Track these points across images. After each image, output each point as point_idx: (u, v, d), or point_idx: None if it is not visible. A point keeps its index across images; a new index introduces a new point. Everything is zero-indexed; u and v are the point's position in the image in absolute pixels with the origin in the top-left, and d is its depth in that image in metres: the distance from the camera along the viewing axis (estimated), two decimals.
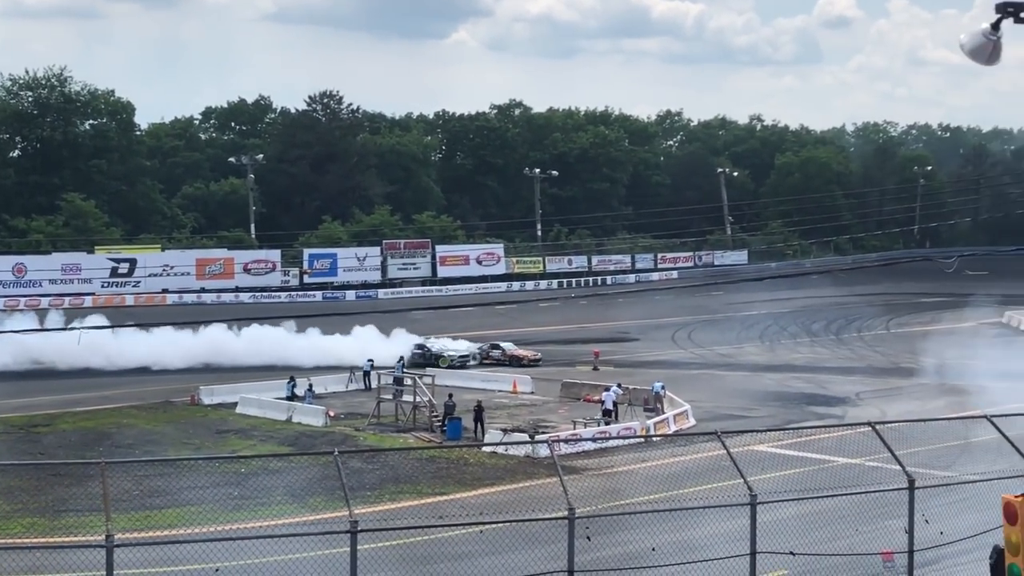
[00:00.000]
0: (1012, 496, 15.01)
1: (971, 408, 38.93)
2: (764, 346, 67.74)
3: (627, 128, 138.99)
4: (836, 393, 52.09)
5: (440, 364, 60.41)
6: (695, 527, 20.61)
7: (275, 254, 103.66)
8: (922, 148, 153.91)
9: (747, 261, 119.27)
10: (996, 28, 14.14)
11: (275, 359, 58.29)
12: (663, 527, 21.65)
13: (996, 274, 77.16)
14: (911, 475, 18.95)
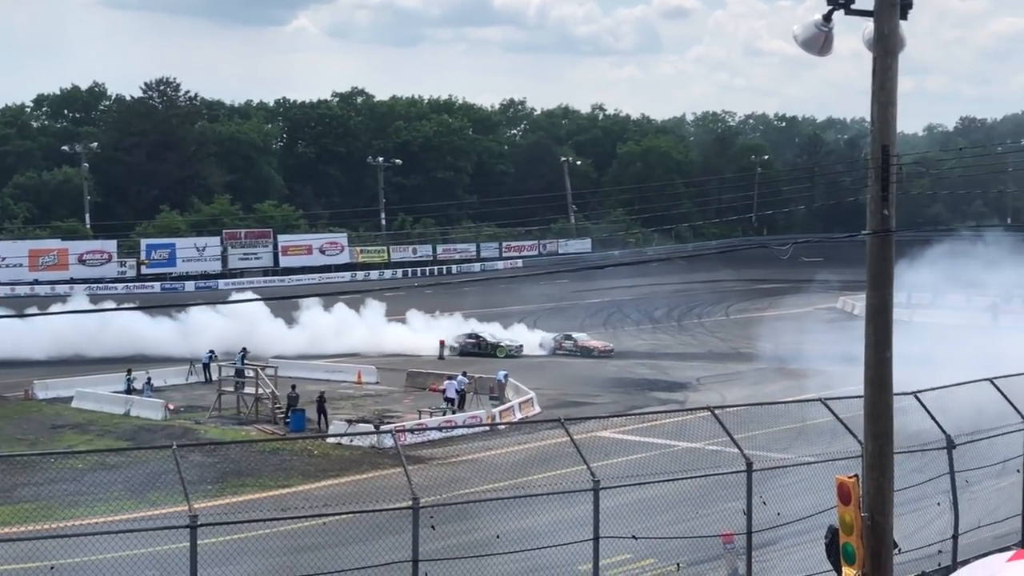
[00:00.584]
0: (846, 477, 15.38)
1: (807, 391, 39.87)
2: (607, 333, 68.46)
3: (471, 117, 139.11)
4: (678, 379, 52.96)
5: (498, 354, 59.58)
6: (540, 514, 20.72)
7: (111, 245, 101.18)
8: (759, 137, 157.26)
9: (590, 249, 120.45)
10: (828, 20, 14.47)
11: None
12: (508, 514, 21.71)
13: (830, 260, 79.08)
14: (749, 458, 19.32)
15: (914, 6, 14.55)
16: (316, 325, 62.99)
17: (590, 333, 64.55)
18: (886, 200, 14.64)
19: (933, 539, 21.40)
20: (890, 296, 15.34)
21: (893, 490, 15.61)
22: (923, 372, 33.81)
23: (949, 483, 21.02)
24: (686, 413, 34.14)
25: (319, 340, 61.46)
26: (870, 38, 14.45)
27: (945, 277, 70.18)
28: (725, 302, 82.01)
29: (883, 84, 14.51)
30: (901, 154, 16.53)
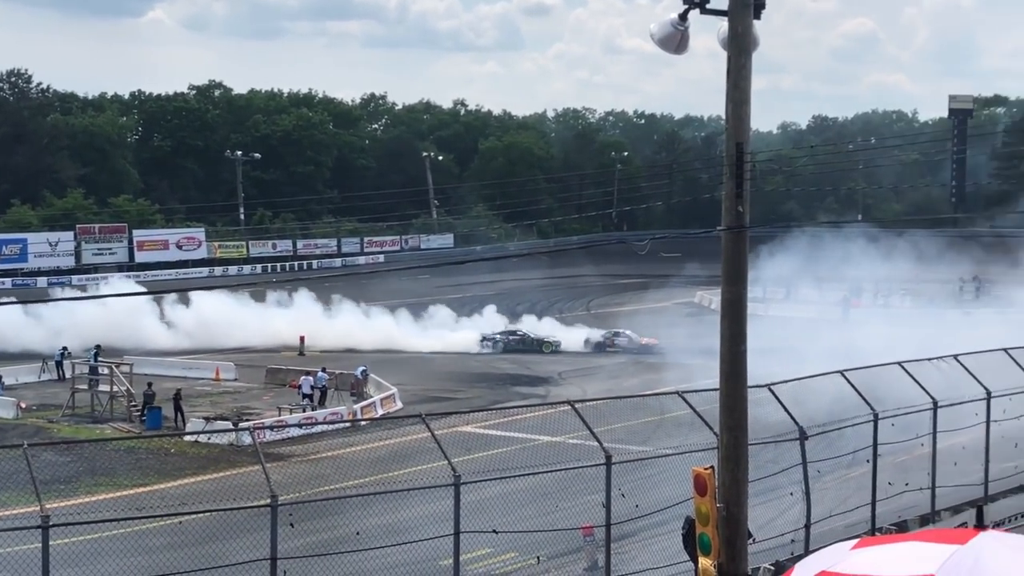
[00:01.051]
0: (702, 468, 15.65)
1: (667, 384, 40.48)
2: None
3: (331, 111, 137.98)
4: (540, 373, 53.29)
5: (544, 350, 58.49)
6: (401, 510, 20.68)
7: None
8: (619, 134, 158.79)
9: (453, 244, 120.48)
10: (684, 19, 14.69)
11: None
12: (369, 511, 21.66)
13: (688, 255, 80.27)
14: (608, 451, 19.51)
15: (767, 6, 14.85)
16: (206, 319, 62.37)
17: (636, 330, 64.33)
18: (740, 197, 14.92)
19: (787, 528, 21.86)
20: (744, 291, 15.65)
21: (748, 481, 15.93)
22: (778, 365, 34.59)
23: (802, 474, 21.49)
24: (547, 407, 34.43)
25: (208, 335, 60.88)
26: (725, 37, 14.71)
27: (798, 272, 71.90)
28: (586, 297, 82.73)
29: (737, 83, 14.79)
30: (756, 152, 16.86)
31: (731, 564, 15.44)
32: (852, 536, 22.12)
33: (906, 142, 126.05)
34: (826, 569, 4.00)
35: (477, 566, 22.42)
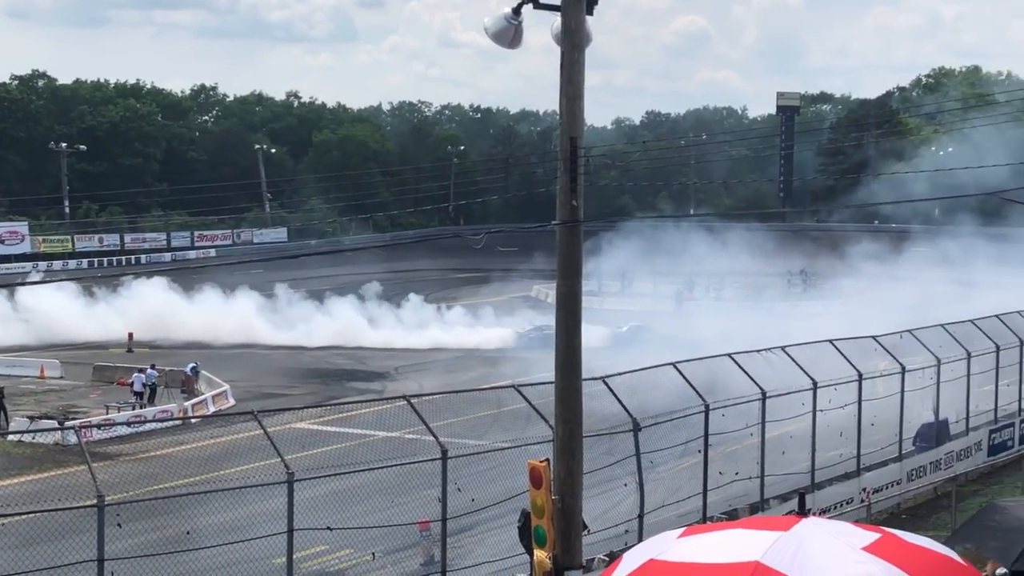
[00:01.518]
0: (537, 461, 15.73)
1: (504, 378, 40.65)
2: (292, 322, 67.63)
3: (160, 102, 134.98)
4: (376, 368, 53.02)
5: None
6: (233, 508, 20.31)
7: None
8: (455, 128, 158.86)
9: (286, 238, 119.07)
10: (517, 13, 14.70)
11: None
12: (200, 510, 21.26)
13: (524, 250, 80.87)
14: (444, 445, 19.50)
15: (600, 2, 14.96)
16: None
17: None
18: (575, 191, 15.01)
19: (621, 519, 22.14)
20: (579, 284, 15.76)
21: (583, 473, 16.05)
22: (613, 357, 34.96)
23: (636, 465, 21.78)
24: (383, 403, 34.22)
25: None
26: (558, 32, 14.77)
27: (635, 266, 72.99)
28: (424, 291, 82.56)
29: (571, 78, 14.87)
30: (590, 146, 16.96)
31: (566, 555, 15.54)
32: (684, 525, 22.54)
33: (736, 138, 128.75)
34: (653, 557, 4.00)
35: (311, 564, 22.16)
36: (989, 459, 33.28)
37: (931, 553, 4.12)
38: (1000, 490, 29.80)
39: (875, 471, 29.02)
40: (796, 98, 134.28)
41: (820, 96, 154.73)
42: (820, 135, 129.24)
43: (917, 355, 31.28)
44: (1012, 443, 34.58)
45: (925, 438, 31.43)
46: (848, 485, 27.98)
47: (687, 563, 3.98)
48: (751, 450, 25.72)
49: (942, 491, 29.39)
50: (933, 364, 31.18)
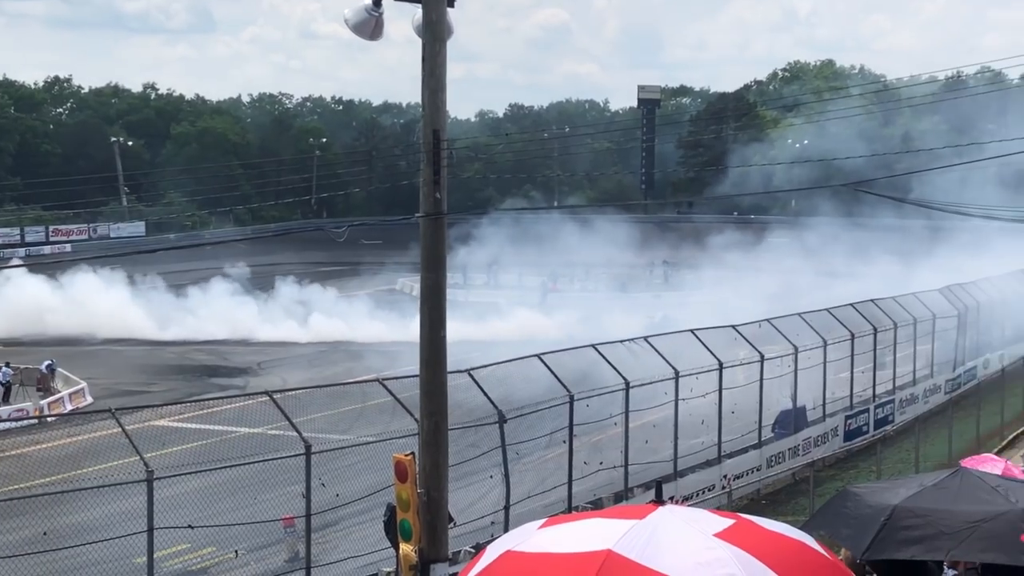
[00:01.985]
0: (402, 455, 15.68)
1: (370, 371, 40.45)
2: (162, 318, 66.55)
3: (12, 94, 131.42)
4: (238, 364, 52.37)
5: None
6: (92, 508, 19.90)
7: None
8: (317, 120, 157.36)
9: (144, 233, 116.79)
10: (378, 4, 14.61)
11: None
12: (58, 510, 20.79)
13: (389, 243, 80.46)
14: (308, 441, 19.34)
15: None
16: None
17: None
18: (438, 184, 14.97)
19: (487, 511, 22.20)
20: (444, 277, 15.74)
21: (448, 465, 16.05)
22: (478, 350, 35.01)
23: (501, 456, 21.86)
24: (245, 398, 33.80)
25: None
26: (420, 24, 14.72)
27: (501, 258, 73.24)
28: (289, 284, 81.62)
29: (433, 70, 14.83)
30: (453, 139, 16.95)
31: (432, 549, 15.52)
32: (549, 515, 22.70)
33: (599, 131, 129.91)
34: (511, 548, 4.01)
35: (173, 562, 21.83)
36: (845, 444, 34.12)
37: (784, 538, 4.19)
38: (856, 475, 30.55)
39: (736, 458, 29.55)
40: (656, 91, 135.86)
41: (680, 89, 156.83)
42: (680, 128, 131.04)
43: (776, 344, 31.94)
44: (867, 428, 35.50)
45: (784, 425, 32.10)
46: (710, 472, 28.45)
47: (542, 553, 3.99)
48: (615, 439, 26.01)
49: (800, 476, 30.03)
50: (791, 352, 31.87)
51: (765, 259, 71.45)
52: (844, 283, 57.26)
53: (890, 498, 6.74)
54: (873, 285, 48.44)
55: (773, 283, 59.78)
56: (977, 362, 44.42)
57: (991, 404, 34.97)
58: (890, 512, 6.53)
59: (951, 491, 6.82)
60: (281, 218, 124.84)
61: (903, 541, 6.46)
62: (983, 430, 32.84)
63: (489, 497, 22.92)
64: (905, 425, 35.85)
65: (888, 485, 7.78)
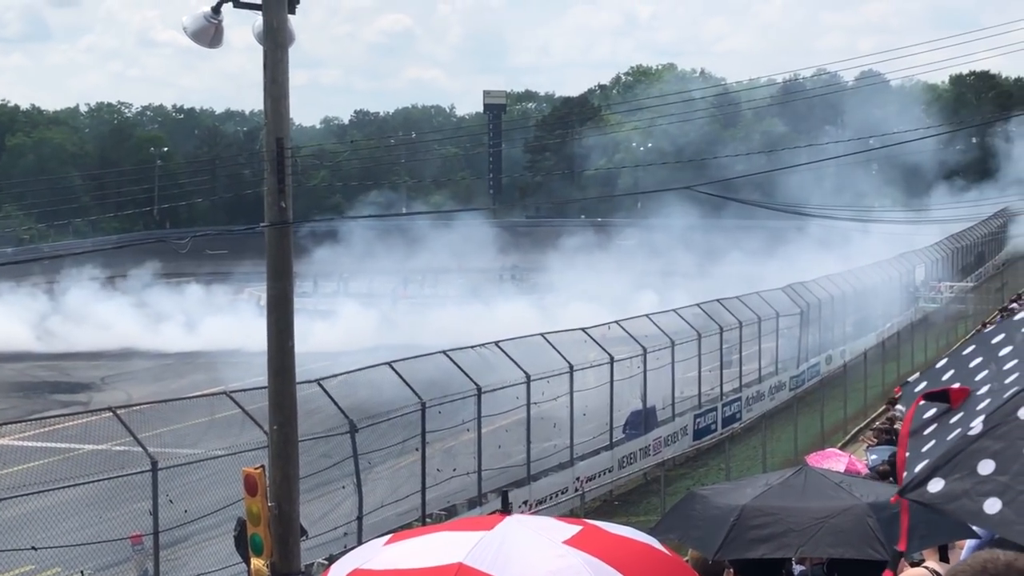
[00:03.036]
0: (251, 468, 15.44)
1: (220, 383, 39.79)
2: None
3: None
4: (81, 379, 51.14)
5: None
6: None
7: None
8: (158, 129, 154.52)
9: None
10: (217, 11, 14.37)
11: None
12: None
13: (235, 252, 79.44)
14: (154, 457, 18.95)
15: (303, 1, 14.79)
16: None
17: None
18: (283, 192, 14.78)
19: (340, 522, 22.02)
20: (291, 286, 15.56)
21: (299, 477, 15.85)
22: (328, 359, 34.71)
23: (353, 466, 21.70)
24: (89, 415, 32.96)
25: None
26: (260, 31, 14.52)
27: (352, 265, 72.84)
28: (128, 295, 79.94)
29: (275, 77, 14.64)
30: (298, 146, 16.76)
31: (284, 562, 15.31)
32: (403, 525, 22.62)
33: (446, 136, 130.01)
34: (359, 567, 3.95)
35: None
36: (695, 443, 34.66)
37: (632, 542, 4.22)
38: (706, 472, 31.06)
39: (588, 460, 29.78)
40: (502, 96, 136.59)
41: (525, 94, 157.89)
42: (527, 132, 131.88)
43: (625, 345, 32.30)
44: (715, 427, 36.11)
45: (634, 425, 32.48)
46: (563, 475, 28.62)
47: (391, 570, 3.94)
48: (468, 445, 26.02)
49: (652, 476, 30.41)
50: (640, 353, 32.25)
51: (612, 261, 72.28)
52: (692, 283, 58.26)
53: (738, 498, 6.82)
54: (720, 284, 49.36)
55: (620, 285, 60.54)
56: (820, 358, 45.55)
57: (834, 399, 35.87)
58: (739, 512, 6.61)
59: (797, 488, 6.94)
60: (123, 229, 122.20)
61: (753, 540, 6.54)
62: (827, 425, 33.65)
63: (342, 508, 22.72)
64: (752, 422, 36.59)
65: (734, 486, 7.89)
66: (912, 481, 3.76)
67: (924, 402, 4.16)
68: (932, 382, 4.42)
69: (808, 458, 12.34)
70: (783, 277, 46.36)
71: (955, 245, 67.99)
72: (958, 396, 4.08)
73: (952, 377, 4.35)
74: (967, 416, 3.91)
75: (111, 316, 63.14)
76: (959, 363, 4.43)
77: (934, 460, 3.77)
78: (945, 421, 4.02)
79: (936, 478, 3.73)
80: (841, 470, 10.51)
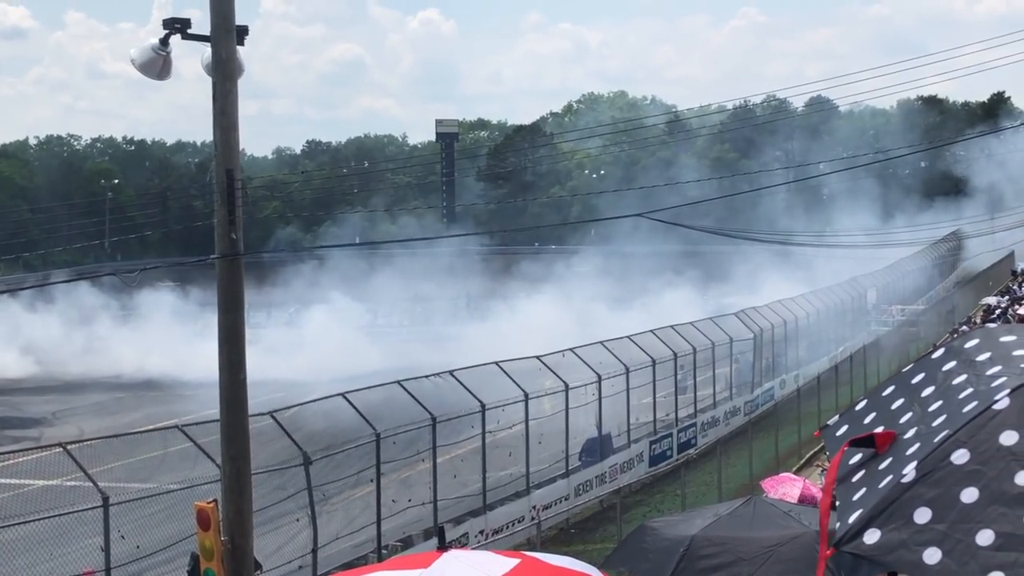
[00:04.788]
0: (204, 502, 15.30)
1: (173, 416, 39.44)
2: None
3: None
4: (32, 414, 50.54)
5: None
6: None
7: None
8: (108, 161, 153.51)
9: None
10: (165, 43, 14.30)
11: None
12: None
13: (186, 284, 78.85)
14: (105, 492, 18.76)
15: (251, 32, 14.75)
16: None
17: None
18: (233, 223, 14.70)
19: (295, 555, 21.84)
20: (242, 318, 15.46)
21: (252, 511, 15.71)
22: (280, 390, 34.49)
23: (308, 498, 21.54)
24: (40, 450, 32.57)
25: None
26: (209, 63, 14.46)
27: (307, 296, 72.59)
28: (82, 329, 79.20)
29: (224, 109, 14.58)
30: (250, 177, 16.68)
31: None
32: (359, 557, 22.49)
33: (399, 166, 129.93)
34: None
35: None
36: (650, 469, 34.63)
37: (570, 572, 4.21)
38: (662, 499, 31.03)
39: (544, 488, 29.71)
40: (455, 125, 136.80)
41: (478, 123, 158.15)
42: (480, 160, 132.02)
43: (580, 372, 32.28)
44: (671, 452, 36.15)
45: (590, 452, 32.45)
46: (519, 504, 28.53)
47: None
48: (424, 475, 25.89)
49: (608, 503, 30.34)
50: (595, 380, 32.25)
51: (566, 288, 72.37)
52: (645, 309, 58.39)
53: (687, 529, 6.83)
54: (675, 310, 49.51)
55: (574, 312, 60.60)
56: (774, 383, 45.76)
57: (788, 424, 36.00)
58: (688, 542, 6.62)
59: (746, 518, 6.96)
60: (74, 262, 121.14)
61: (703, 570, 6.55)
62: (781, 449, 33.77)
63: (297, 540, 22.55)
64: (707, 448, 36.64)
65: (684, 517, 7.90)
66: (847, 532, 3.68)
67: (849, 448, 4.10)
68: (853, 424, 4.37)
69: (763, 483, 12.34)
70: (738, 301, 46.58)
71: (906, 268, 68.58)
72: (884, 440, 4.02)
73: (874, 420, 4.29)
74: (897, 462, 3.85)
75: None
76: (879, 404, 4.37)
77: (868, 510, 3.69)
78: (874, 467, 3.95)
79: (872, 528, 3.65)
80: (796, 494, 10.54)
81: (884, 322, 62.61)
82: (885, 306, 64.59)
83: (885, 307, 64.54)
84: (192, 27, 14.28)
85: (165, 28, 14.18)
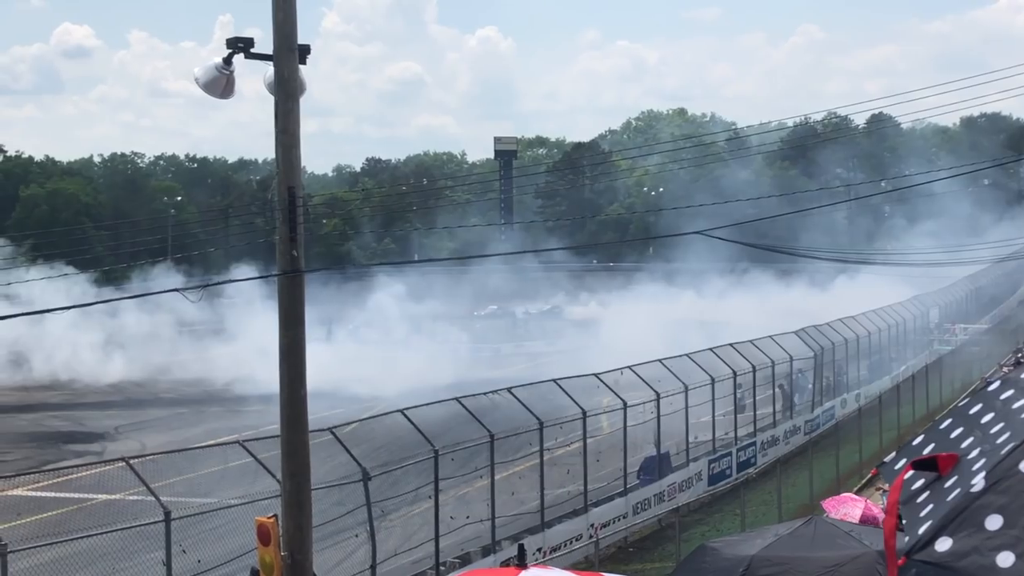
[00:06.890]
0: (265, 517, 15.39)
1: (232, 432, 39.75)
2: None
3: None
4: (95, 429, 51.06)
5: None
6: None
7: None
8: (171, 179, 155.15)
9: None
10: (229, 63, 14.44)
11: None
12: None
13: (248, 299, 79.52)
14: (167, 507, 18.91)
15: (313, 51, 14.87)
16: None
17: None
18: (294, 241, 14.79)
19: (354, 570, 21.91)
20: (303, 334, 15.53)
21: (312, 526, 15.77)
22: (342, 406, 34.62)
23: (367, 514, 21.61)
24: (103, 465, 32.94)
25: None
26: (271, 82, 14.58)
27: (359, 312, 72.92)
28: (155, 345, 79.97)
29: (286, 127, 14.70)
30: (310, 194, 16.81)
31: None
32: (417, 573, 22.53)
33: (457, 183, 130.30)
34: None
35: None
36: (709, 488, 34.45)
37: None
38: (721, 519, 30.85)
39: (602, 506, 29.62)
40: (513, 142, 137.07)
41: (536, 140, 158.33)
42: (538, 178, 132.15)
43: (638, 390, 32.18)
44: (730, 472, 35.92)
45: (648, 471, 32.30)
46: (577, 522, 28.46)
47: None
48: (482, 492, 25.90)
49: (666, 522, 30.20)
50: (653, 399, 32.13)
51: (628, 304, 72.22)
52: (708, 327, 58.08)
53: (747, 549, 6.79)
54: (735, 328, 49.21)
55: (637, 328, 60.36)
56: (835, 402, 45.37)
57: (849, 443, 35.68)
58: (748, 563, 6.58)
59: (806, 538, 6.90)
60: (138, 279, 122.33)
61: None
62: (842, 469, 33.47)
63: (356, 556, 22.62)
64: (767, 467, 36.39)
65: (743, 537, 7.85)
66: (918, 542, 3.70)
67: (912, 473, 4.10)
68: (911, 459, 4.37)
69: (824, 503, 12.25)
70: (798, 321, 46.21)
71: (970, 286, 67.81)
72: (947, 463, 4.02)
73: (933, 451, 4.29)
74: (964, 476, 3.86)
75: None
76: (938, 437, 4.37)
77: (938, 520, 3.72)
78: (939, 486, 3.96)
79: (943, 537, 3.67)
80: (857, 515, 10.44)
81: (946, 341, 61.92)
82: (948, 325, 63.89)
83: (948, 326, 63.85)
84: (255, 46, 14.41)
85: (229, 47, 14.32)
